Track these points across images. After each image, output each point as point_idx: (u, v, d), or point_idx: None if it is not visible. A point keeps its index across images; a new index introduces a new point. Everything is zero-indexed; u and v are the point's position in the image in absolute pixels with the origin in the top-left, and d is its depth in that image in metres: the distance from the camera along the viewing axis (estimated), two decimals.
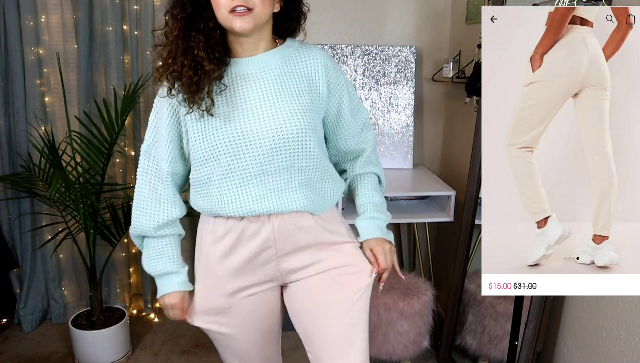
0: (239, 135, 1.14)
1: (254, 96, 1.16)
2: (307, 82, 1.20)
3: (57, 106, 2.50)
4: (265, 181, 1.17)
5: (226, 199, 1.18)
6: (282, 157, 1.16)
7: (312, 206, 1.21)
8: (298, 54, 1.22)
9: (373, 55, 2.58)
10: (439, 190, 2.32)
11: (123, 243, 2.67)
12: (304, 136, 1.16)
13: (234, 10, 1.08)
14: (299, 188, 1.19)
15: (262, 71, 1.18)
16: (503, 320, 2.11)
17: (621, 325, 1.55)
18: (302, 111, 1.17)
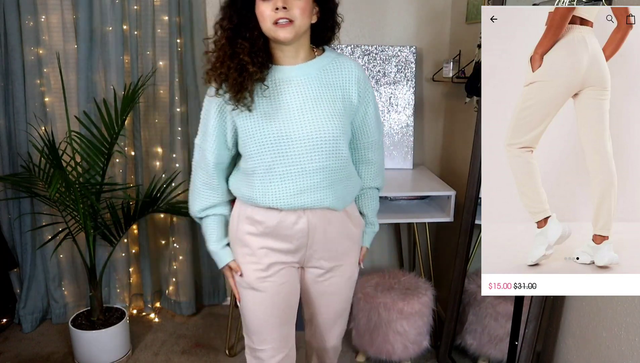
0: (281, 134, 1.29)
1: (296, 101, 1.31)
2: (341, 91, 1.36)
3: (57, 106, 2.50)
4: (303, 179, 1.32)
5: (268, 192, 1.34)
6: (318, 157, 1.32)
7: (338, 204, 1.40)
8: (335, 64, 1.36)
9: (373, 55, 2.58)
10: (439, 190, 2.32)
11: (123, 243, 2.67)
12: (338, 139, 1.33)
13: (277, 22, 1.22)
14: (329, 186, 1.36)
15: (303, 79, 1.33)
16: (503, 320, 2.11)
17: (621, 325, 1.55)
18: (337, 116, 1.33)
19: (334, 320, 1.60)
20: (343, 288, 1.55)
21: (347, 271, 1.52)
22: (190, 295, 2.76)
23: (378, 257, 2.97)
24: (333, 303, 1.56)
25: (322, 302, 1.55)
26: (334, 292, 1.54)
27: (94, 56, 2.45)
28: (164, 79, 2.55)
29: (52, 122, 2.49)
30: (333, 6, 1.35)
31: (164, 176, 2.59)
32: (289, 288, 1.45)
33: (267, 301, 1.43)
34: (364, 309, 2.24)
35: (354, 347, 2.40)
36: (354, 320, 2.33)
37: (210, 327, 2.68)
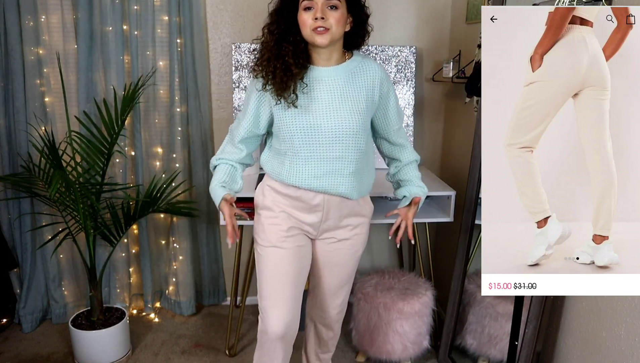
0: (310, 125, 1.52)
1: (325, 97, 1.53)
2: (365, 91, 1.57)
3: (57, 106, 2.50)
4: (323, 164, 1.55)
5: (292, 171, 1.57)
6: (339, 147, 1.54)
7: (352, 192, 1.61)
8: (361, 68, 1.57)
9: (373, 55, 2.58)
10: (439, 190, 2.32)
11: (123, 243, 2.67)
12: (357, 133, 1.54)
13: (316, 29, 1.45)
14: (346, 175, 1.57)
15: (333, 79, 1.54)
16: (503, 320, 2.11)
17: (621, 325, 1.55)
18: (359, 113, 1.54)
19: (336, 289, 1.77)
20: (349, 260, 1.74)
21: (354, 245, 1.72)
22: (190, 295, 2.76)
23: (378, 257, 2.97)
24: (337, 273, 1.74)
25: (327, 271, 1.74)
26: (339, 262, 1.73)
27: (94, 56, 2.45)
28: (164, 79, 2.55)
29: (52, 122, 2.49)
30: (365, 17, 1.55)
31: (164, 176, 2.59)
32: (304, 252, 1.66)
33: (288, 257, 1.62)
34: (364, 309, 2.24)
35: (354, 347, 2.40)
36: (354, 320, 2.33)
37: (210, 327, 2.68)
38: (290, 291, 1.61)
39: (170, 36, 2.48)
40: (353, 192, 1.60)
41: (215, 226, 2.78)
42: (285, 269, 1.61)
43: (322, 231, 1.67)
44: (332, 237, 1.69)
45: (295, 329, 1.66)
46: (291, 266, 1.62)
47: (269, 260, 1.62)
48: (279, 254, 1.61)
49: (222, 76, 2.64)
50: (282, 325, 1.59)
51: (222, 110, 2.68)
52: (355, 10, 1.52)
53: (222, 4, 2.56)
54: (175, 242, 2.72)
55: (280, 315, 1.59)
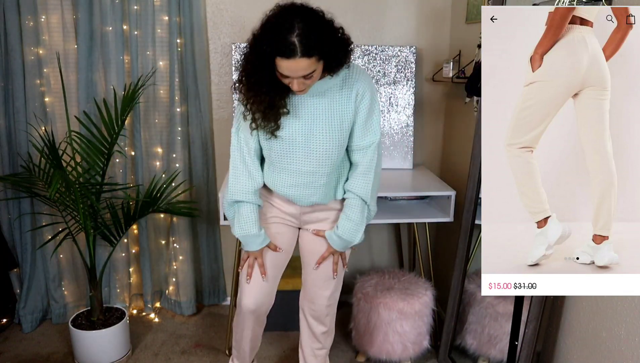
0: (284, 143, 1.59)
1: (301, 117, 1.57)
2: (340, 109, 1.58)
3: (57, 106, 2.50)
4: (296, 177, 1.64)
5: (269, 178, 1.69)
6: (311, 163, 1.61)
7: (325, 199, 1.70)
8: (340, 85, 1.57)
9: (373, 55, 2.58)
10: (439, 190, 2.32)
11: (123, 243, 2.67)
12: (328, 150, 1.60)
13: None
14: (319, 187, 1.66)
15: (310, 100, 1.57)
16: (503, 320, 2.11)
17: (621, 325, 1.55)
18: (330, 133, 1.58)
19: (323, 280, 1.81)
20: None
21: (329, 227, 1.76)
22: (190, 295, 2.76)
23: (378, 257, 2.97)
24: (324, 264, 1.78)
25: (314, 261, 1.79)
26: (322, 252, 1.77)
27: (94, 56, 2.45)
28: (164, 79, 2.55)
29: (52, 122, 2.49)
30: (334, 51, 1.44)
31: (164, 176, 2.59)
32: (283, 238, 1.77)
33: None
34: (364, 309, 2.24)
35: (354, 347, 2.40)
36: (354, 320, 2.33)
37: (210, 327, 2.68)
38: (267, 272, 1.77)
39: (170, 36, 2.48)
40: (325, 199, 1.70)
41: (215, 226, 2.78)
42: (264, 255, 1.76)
43: (303, 222, 1.77)
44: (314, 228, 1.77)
45: (266, 305, 1.81)
46: (266, 251, 1.75)
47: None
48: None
49: (222, 76, 2.64)
50: (253, 302, 1.76)
51: (222, 110, 2.68)
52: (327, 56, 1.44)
53: (222, 4, 2.56)
54: (175, 242, 2.72)
55: (252, 293, 1.76)
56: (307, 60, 1.38)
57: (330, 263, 1.79)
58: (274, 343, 2.51)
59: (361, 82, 1.58)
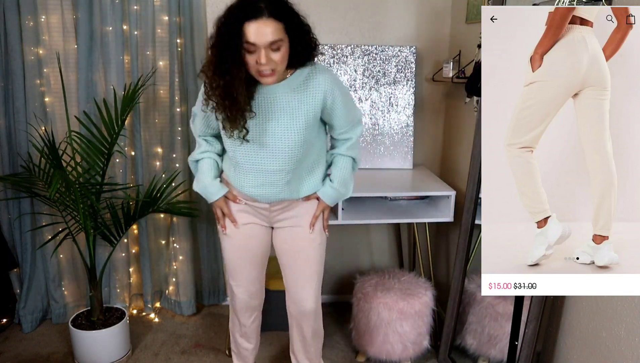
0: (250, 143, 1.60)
1: (264, 116, 1.59)
2: (305, 107, 1.60)
3: (57, 106, 2.50)
4: (263, 176, 1.67)
5: (237, 178, 1.72)
6: (277, 161, 1.63)
7: (293, 195, 1.73)
8: (304, 83, 1.58)
9: (373, 55, 2.58)
10: (439, 190, 2.32)
11: (123, 243, 2.67)
12: (294, 148, 1.62)
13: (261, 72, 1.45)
14: (286, 184, 1.68)
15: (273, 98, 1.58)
16: (503, 320, 2.11)
17: (621, 325, 1.55)
18: (296, 132, 1.60)
19: (305, 278, 1.84)
20: (307, 248, 1.81)
21: (307, 231, 1.80)
22: (190, 295, 2.76)
23: (378, 257, 2.97)
24: (303, 260, 1.82)
25: (292, 259, 1.83)
26: (301, 249, 1.81)
27: (94, 55, 2.45)
28: (164, 79, 2.55)
29: (52, 122, 2.49)
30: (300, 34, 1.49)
31: (164, 176, 2.59)
32: (256, 241, 1.83)
33: (238, 247, 1.83)
34: (364, 309, 2.24)
35: (354, 347, 2.40)
36: (354, 320, 2.33)
37: (210, 327, 2.68)
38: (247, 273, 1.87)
39: (170, 36, 2.48)
40: (292, 195, 1.73)
41: (215, 226, 2.77)
42: (238, 255, 1.84)
43: (275, 220, 1.80)
44: (286, 226, 1.80)
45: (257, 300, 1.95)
46: (244, 253, 1.84)
47: (226, 246, 1.85)
48: (232, 243, 1.83)
49: None
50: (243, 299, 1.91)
51: None
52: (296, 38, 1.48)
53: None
54: (175, 242, 2.72)
55: (241, 292, 1.90)
56: (274, 22, 1.40)
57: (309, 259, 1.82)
58: (274, 343, 2.51)
59: (325, 78, 1.59)
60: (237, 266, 1.86)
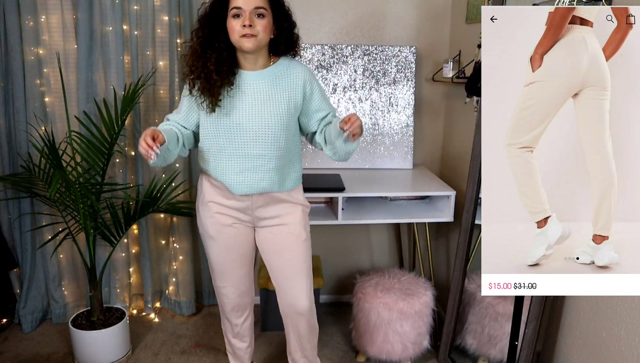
0: (232, 125, 1.65)
1: (247, 100, 1.65)
2: (287, 93, 1.68)
3: (57, 106, 2.50)
4: (245, 161, 1.68)
5: (218, 167, 1.71)
6: (259, 146, 1.66)
7: (274, 186, 1.73)
8: (286, 71, 1.69)
9: (373, 55, 2.58)
10: (439, 190, 2.32)
11: (123, 243, 2.67)
12: (277, 132, 1.66)
13: (244, 35, 1.55)
14: (267, 171, 1.69)
15: (256, 83, 1.66)
16: (503, 320, 2.11)
17: (621, 325, 1.55)
18: (279, 115, 1.66)
19: (293, 275, 1.83)
20: (291, 244, 1.80)
21: (291, 228, 1.79)
22: (190, 295, 2.76)
23: (378, 257, 2.97)
24: (289, 259, 1.81)
25: (278, 258, 1.83)
26: (286, 248, 1.81)
27: (94, 55, 2.45)
28: (164, 79, 2.55)
29: (52, 122, 2.49)
30: (287, 26, 1.65)
31: (164, 176, 2.59)
32: (241, 240, 1.82)
33: (222, 248, 1.82)
34: (364, 309, 2.24)
35: (354, 347, 2.40)
36: (354, 320, 2.33)
37: (210, 327, 2.68)
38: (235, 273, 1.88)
39: (170, 36, 2.48)
40: (274, 186, 1.73)
41: None
42: (223, 257, 1.84)
43: (257, 218, 1.80)
44: (269, 225, 1.80)
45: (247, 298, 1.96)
46: (228, 254, 1.83)
47: (209, 249, 1.85)
48: (216, 246, 1.83)
49: None
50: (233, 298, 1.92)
51: None
52: (280, 19, 1.62)
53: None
54: (175, 242, 2.72)
55: (231, 292, 1.90)
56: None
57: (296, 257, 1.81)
58: (273, 343, 2.51)
59: (303, 69, 1.72)
60: (225, 267, 1.86)
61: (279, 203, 1.78)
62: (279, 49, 1.67)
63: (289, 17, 1.66)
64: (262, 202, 1.76)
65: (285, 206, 1.79)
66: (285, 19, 1.64)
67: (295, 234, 1.80)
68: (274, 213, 1.78)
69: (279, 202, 1.78)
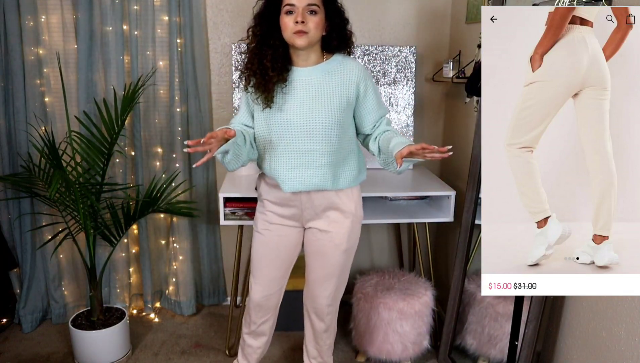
0: (285, 121, 1.66)
1: (299, 95, 1.66)
2: (340, 89, 1.68)
3: (57, 106, 2.50)
4: (297, 157, 1.69)
5: (271, 164, 1.73)
6: (311, 141, 1.67)
7: (326, 184, 1.72)
8: (338, 67, 1.69)
9: (373, 55, 2.58)
10: (439, 190, 2.32)
11: (123, 243, 2.67)
12: (329, 128, 1.66)
13: (296, 32, 1.57)
14: (319, 168, 1.69)
15: (309, 78, 1.67)
16: (503, 320, 2.11)
17: (621, 325, 1.55)
18: (330, 109, 1.66)
19: (323, 279, 1.86)
20: (333, 253, 1.81)
21: (335, 239, 1.79)
22: (190, 295, 2.76)
23: (378, 257, 2.97)
24: (322, 263, 1.83)
25: (313, 260, 1.85)
26: (323, 253, 1.81)
27: (94, 56, 2.45)
28: (164, 79, 2.55)
29: (52, 122, 2.49)
30: (341, 22, 1.68)
31: (164, 176, 2.59)
32: (285, 241, 1.83)
33: (264, 244, 1.84)
34: (364, 309, 2.24)
35: (354, 347, 2.40)
36: (354, 320, 2.33)
37: (210, 327, 2.68)
38: (268, 272, 1.87)
39: (170, 36, 2.48)
40: (326, 183, 1.72)
41: (215, 226, 2.78)
42: (265, 253, 1.85)
43: (305, 220, 1.80)
44: (315, 227, 1.80)
45: (273, 301, 1.93)
46: (270, 251, 1.84)
47: (255, 243, 1.87)
48: (261, 240, 1.84)
49: (222, 76, 2.64)
50: (259, 297, 1.89)
51: (222, 110, 2.68)
52: (332, 15, 1.65)
53: (222, 4, 2.56)
54: (175, 242, 2.72)
55: (258, 290, 1.89)
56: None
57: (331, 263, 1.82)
58: (274, 343, 2.51)
59: (358, 65, 1.73)
60: (262, 263, 1.86)
61: (329, 210, 1.77)
62: (331, 45, 1.68)
63: (342, 14, 1.69)
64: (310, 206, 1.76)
65: (336, 215, 1.77)
66: (337, 15, 1.67)
67: (336, 243, 1.79)
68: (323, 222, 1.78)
69: (329, 209, 1.77)
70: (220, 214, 2.20)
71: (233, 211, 2.22)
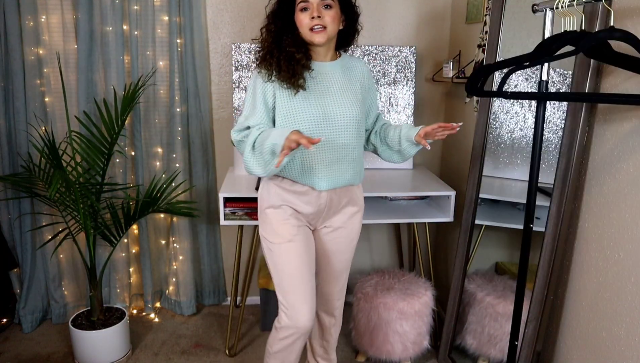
0: (319, 115, 1.60)
1: (331, 88, 1.63)
2: (359, 83, 1.71)
3: (57, 106, 2.50)
4: (333, 151, 1.63)
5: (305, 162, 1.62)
6: (345, 135, 1.63)
7: (355, 178, 1.72)
8: (350, 64, 1.72)
9: (373, 55, 2.58)
10: (439, 190, 2.32)
11: (123, 243, 2.67)
12: (359, 121, 1.67)
13: (313, 28, 1.55)
14: (351, 162, 1.67)
15: (333, 73, 1.66)
16: (503, 320, 2.11)
17: (621, 325, 1.55)
18: (359, 103, 1.67)
19: (335, 277, 1.85)
20: (346, 248, 1.81)
21: (350, 234, 1.79)
22: (190, 295, 2.76)
23: (378, 257, 2.98)
24: (337, 260, 1.82)
25: (327, 259, 1.81)
26: (338, 250, 1.80)
27: (94, 55, 2.45)
28: (164, 79, 2.55)
29: (52, 122, 2.49)
30: (356, 16, 1.67)
31: (164, 176, 2.59)
32: (310, 243, 1.73)
33: (300, 249, 1.66)
34: (364, 309, 2.24)
35: (354, 347, 2.40)
36: (354, 320, 2.33)
37: (210, 327, 2.68)
38: (310, 284, 1.67)
39: (170, 36, 2.48)
40: (356, 178, 1.72)
41: (216, 226, 2.78)
42: (303, 261, 1.66)
43: (323, 219, 1.75)
44: (329, 226, 1.76)
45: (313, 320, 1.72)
46: (307, 258, 1.67)
47: (287, 255, 1.65)
48: (294, 248, 1.65)
49: (222, 76, 2.64)
50: (310, 319, 1.63)
51: (222, 110, 2.68)
52: (347, 9, 1.63)
53: (222, 4, 2.56)
54: (175, 242, 2.72)
55: (309, 309, 1.63)
56: None
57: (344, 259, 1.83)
58: None
59: (364, 65, 1.76)
60: (299, 278, 1.63)
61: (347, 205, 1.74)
62: (346, 41, 1.69)
63: (355, 8, 1.66)
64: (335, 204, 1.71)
65: (351, 210, 1.76)
66: (351, 8, 1.65)
67: (351, 237, 1.80)
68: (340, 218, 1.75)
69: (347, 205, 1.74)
70: (220, 214, 2.20)
71: (233, 211, 2.22)
